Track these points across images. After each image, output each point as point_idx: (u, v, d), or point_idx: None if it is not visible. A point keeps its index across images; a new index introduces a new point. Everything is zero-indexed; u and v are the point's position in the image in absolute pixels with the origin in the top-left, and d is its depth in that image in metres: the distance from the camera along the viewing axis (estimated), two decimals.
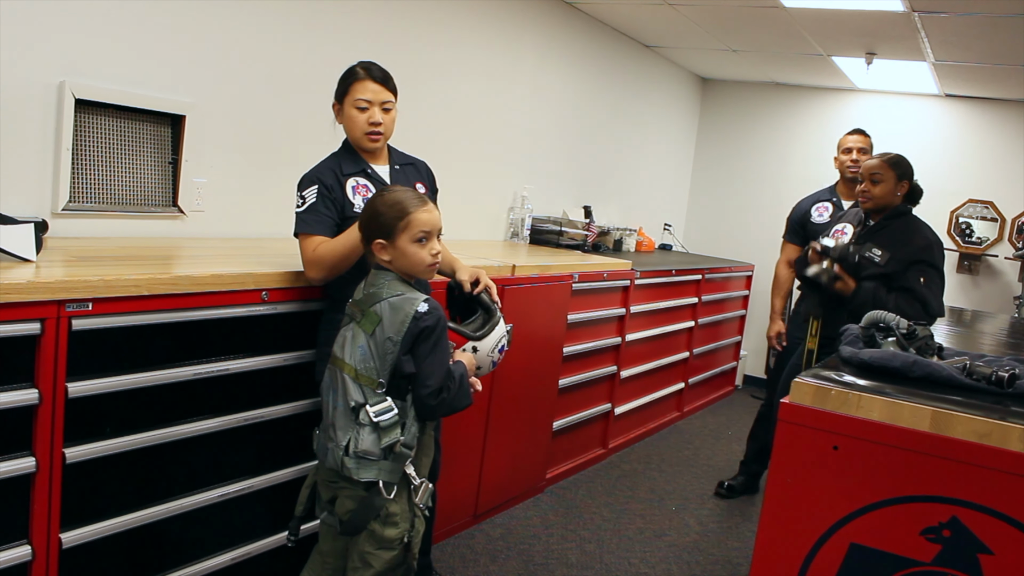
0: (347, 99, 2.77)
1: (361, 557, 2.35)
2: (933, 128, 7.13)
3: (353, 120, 2.76)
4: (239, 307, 2.58)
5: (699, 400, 6.60)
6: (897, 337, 2.43)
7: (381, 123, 2.76)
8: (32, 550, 2.18)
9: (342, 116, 2.81)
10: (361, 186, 2.78)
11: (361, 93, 2.74)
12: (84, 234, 2.92)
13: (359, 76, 2.76)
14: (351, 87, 2.76)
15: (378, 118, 2.75)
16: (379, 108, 2.76)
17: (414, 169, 2.97)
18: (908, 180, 3.63)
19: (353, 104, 2.75)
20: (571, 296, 4.33)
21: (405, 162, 2.96)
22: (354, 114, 2.75)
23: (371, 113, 2.75)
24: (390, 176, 2.87)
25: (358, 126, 2.76)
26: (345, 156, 2.83)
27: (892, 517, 1.97)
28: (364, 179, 2.80)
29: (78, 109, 2.84)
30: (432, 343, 2.31)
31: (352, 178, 2.78)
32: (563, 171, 5.89)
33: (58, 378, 2.15)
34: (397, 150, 2.97)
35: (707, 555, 3.95)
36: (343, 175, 2.77)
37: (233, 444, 2.69)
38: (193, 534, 2.63)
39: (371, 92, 2.75)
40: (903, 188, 3.62)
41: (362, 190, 2.77)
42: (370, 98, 2.74)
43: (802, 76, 7.18)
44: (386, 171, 2.88)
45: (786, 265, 4.69)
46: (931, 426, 1.95)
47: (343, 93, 2.78)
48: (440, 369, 2.32)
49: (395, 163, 2.91)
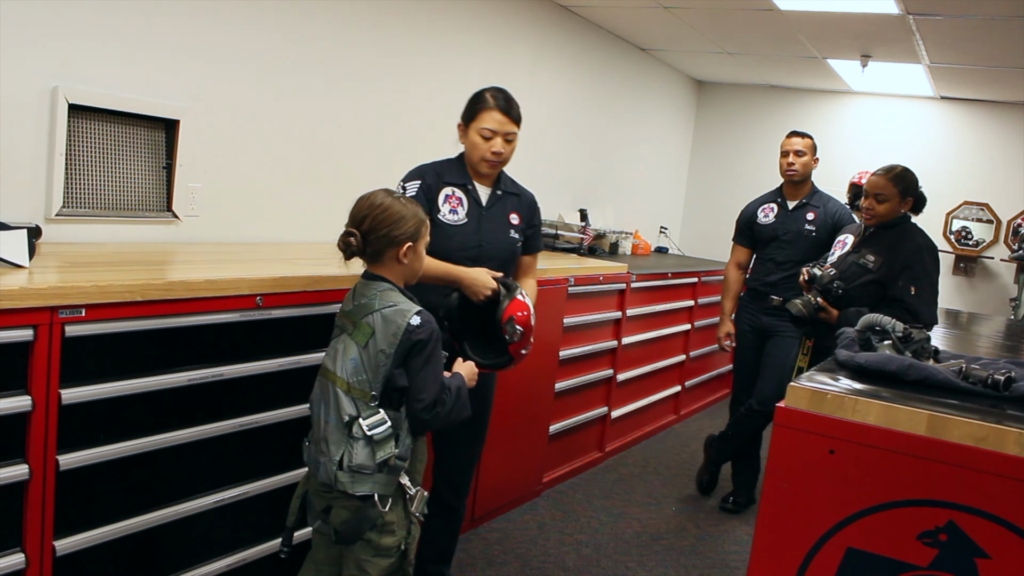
0: (473, 124, 2.86)
1: (358, 565, 2.34)
2: (928, 130, 7.14)
3: (476, 146, 2.86)
4: (233, 312, 2.57)
5: (696, 403, 6.60)
6: (893, 340, 2.42)
7: (502, 153, 2.87)
8: (26, 558, 2.17)
9: (465, 138, 2.90)
10: (455, 197, 2.90)
11: (487, 123, 2.83)
12: (78, 240, 2.91)
13: (488, 104, 2.84)
14: (479, 114, 2.85)
15: (499, 148, 2.85)
16: (502, 138, 2.85)
17: (517, 199, 3.05)
18: (912, 195, 3.60)
19: (478, 131, 2.84)
20: (567, 300, 4.32)
21: (510, 191, 3.04)
22: (477, 140, 2.85)
23: (494, 143, 2.84)
24: (488, 199, 2.96)
25: (479, 152, 2.86)
26: (455, 166, 2.96)
27: (889, 521, 1.97)
28: (461, 192, 2.92)
29: (71, 114, 2.83)
30: (425, 357, 2.28)
31: (450, 187, 2.89)
32: (559, 174, 5.89)
33: (51, 385, 2.14)
34: (509, 177, 3.06)
35: (704, 559, 3.94)
36: (443, 182, 2.89)
37: (228, 450, 2.68)
38: (188, 540, 2.61)
39: (496, 123, 2.83)
40: (908, 204, 3.60)
41: (454, 201, 2.89)
42: (495, 128, 2.83)
43: (797, 79, 7.19)
44: (487, 193, 2.97)
45: (735, 267, 4.71)
46: (927, 430, 1.94)
47: (470, 117, 2.88)
48: (434, 383, 2.30)
49: (499, 188, 3.00)
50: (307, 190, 3.77)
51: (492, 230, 2.95)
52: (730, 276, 4.73)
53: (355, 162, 3.99)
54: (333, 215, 3.39)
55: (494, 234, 2.95)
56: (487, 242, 2.93)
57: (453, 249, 2.84)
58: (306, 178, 3.77)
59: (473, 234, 2.91)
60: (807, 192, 4.47)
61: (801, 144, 4.42)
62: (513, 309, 2.63)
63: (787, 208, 4.47)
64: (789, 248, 4.39)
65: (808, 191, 4.47)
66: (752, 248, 4.64)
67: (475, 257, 2.86)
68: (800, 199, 4.46)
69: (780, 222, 4.45)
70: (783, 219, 4.45)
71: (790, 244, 4.39)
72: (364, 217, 2.31)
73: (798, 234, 4.38)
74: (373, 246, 2.32)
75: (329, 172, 3.87)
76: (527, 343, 2.70)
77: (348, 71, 3.90)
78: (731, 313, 4.71)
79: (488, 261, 2.87)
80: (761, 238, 4.52)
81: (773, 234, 4.45)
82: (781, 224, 4.45)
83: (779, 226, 4.45)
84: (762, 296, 4.43)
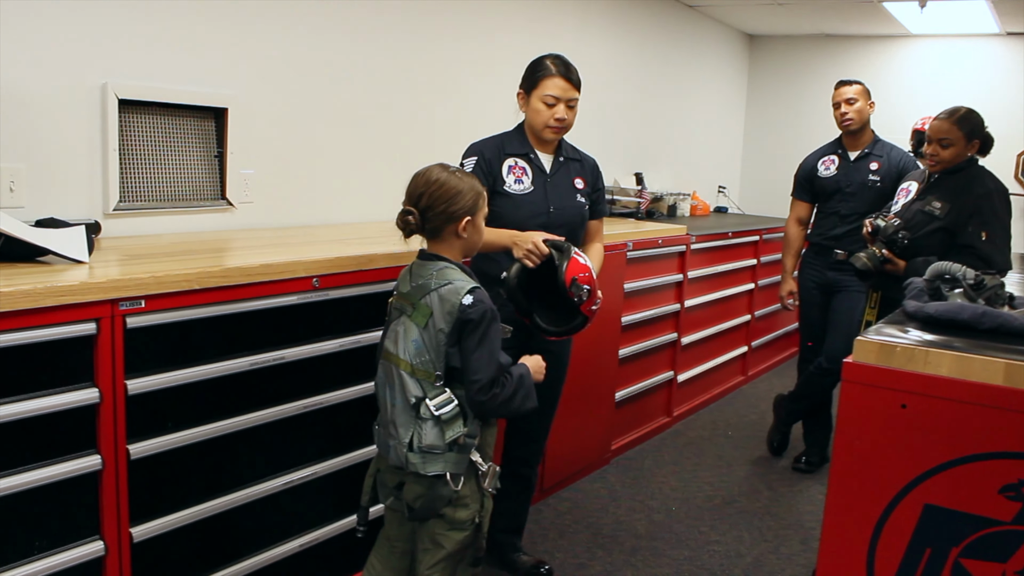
0: (535, 92, 2.87)
1: (432, 539, 2.34)
2: (995, 69, 6.88)
3: (539, 112, 2.87)
4: (291, 295, 2.59)
5: (764, 363, 6.50)
6: (964, 288, 2.33)
7: (565, 119, 2.88)
8: (105, 545, 2.22)
9: (527, 106, 2.91)
10: (519, 167, 2.92)
11: (550, 89, 2.84)
12: (137, 233, 2.95)
13: (550, 72, 2.85)
14: (541, 81, 2.85)
15: (563, 114, 2.86)
16: (564, 104, 2.86)
17: (579, 165, 3.06)
18: (979, 137, 3.43)
19: (541, 98, 2.85)
20: (626, 265, 4.27)
21: (572, 156, 3.05)
22: (540, 107, 2.86)
23: (557, 109, 2.85)
24: (551, 166, 2.97)
25: (542, 119, 2.87)
26: (515, 137, 2.97)
27: (967, 476, 1.90)
28: (524, 162, 2.94)
29: (122, 109, 2.86)
30: (479, 336, 2.23)
31: (512, 158, 2.92)
32: (612, 139, 5.81)
33: (117, 376, 2.18)
34: (569, 144, 3.08)
35: (779, 520, 3.89)
36: (505, 153, 2.92)
37: (294, 432, 2.70)
38: (261, 523, 2.65)
39: (560, 89, 2.84)
40: (974, 147, 3.44)
41: (518, 171, 2.91)
42: (558, 95, 2.84)
43: (852, 25, 6.97)
44: (549, 160, 2.98)
45: (796, 223, 4.59)
46: (1005, 379, 1.87)
47: (532, 85, 2.88)
48: (490, 363, 2.24)
49: (561, 155, 3.01)
50: (358, 170, 3.78)
51: (559, 196, 2.95)
52: (791, 232, 4.62)
53: (406, 139, 3.98)
54: (386, 193, 3.39)
55: (562, 200, 2.95)
56: (556, 208, 2.92)
57: (523, 218, 2.84)
58: (357, 158, 3.77)
59: (541, 201, 2.91)
60: (868, 141, 4.33)
61: (852, 92, 4.28)
62: (574, 270, 2.60)
63: (848, 159, 4.35)
64: (853, 200, 4.27)
65: (869, 140, 4.34)
66: (813, 202, 4.52)
67: (544, 224, 2.85)
68: (862, 149, 4.32)
69: (843, 174, 4.33)
70: (845, 171, 4.33)
71: (854, 196, 4.27)
72: (421, 194, 2.29)
73: (862, 185, 4.26)
74: (432, 223, 2.30)
75: (380, 150, 3.86)
76: (595, 300, 2.66)
77: (392, 47, 3.87)
78: (793, 270, 4.61)
79: (557, 227, 2.85)
80: (823, 191, 4.40)
81: (836, 187, 4.33)
82: (844, 176, 4.32)
83: (842, 178, 4.32)
84: (826, 251, 4.32)
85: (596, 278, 2.67)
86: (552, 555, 3.44)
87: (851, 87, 4.29)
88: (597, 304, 2.68)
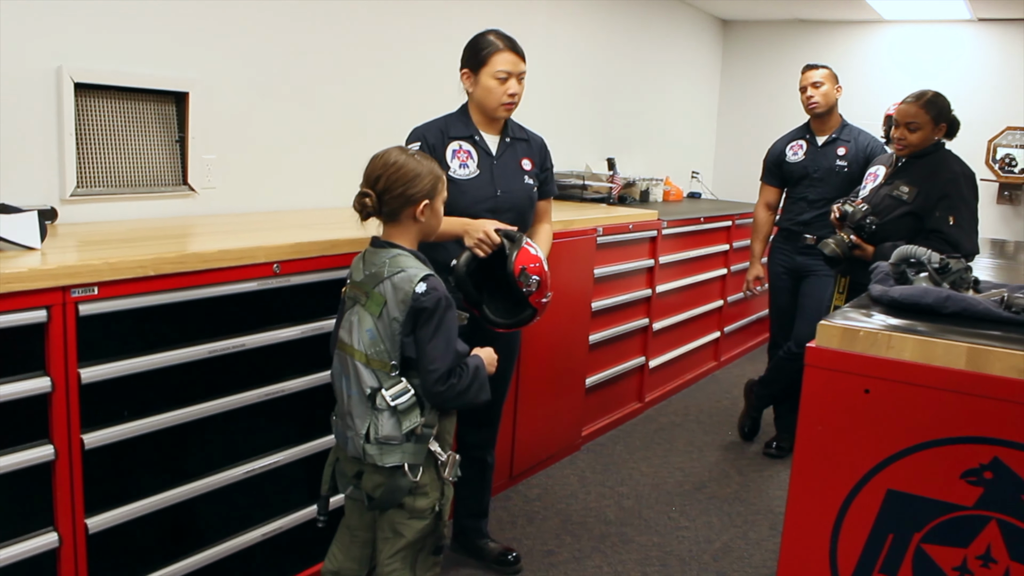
0: (484, 69, 2.79)
1: (392, 528, 2.32)
2: (966, 55, 6.90)
3: (490, 91, 2.80)
4: (250, 281, 2.54)
5: (736, 348, 6.51)
6: (929, 272, 2.32)
7: (517, 93, 2.82)
8: (59, 536, 2.18)
9: (475, 85, 2.83)
10: (463, 151, 2.84)
11: (501, 64, 2.78)
12: (95, 219, 2.89)
13: (498, 47, 2.79)
14: (490, 58, 2.78)
15: (515, 89, 2.81)
16: (516, 79, 2.81)
17: (526, 145, 2.99)
18: (946, 120, 3.43)
19: (492, 75, 2.78)
20: (596, 250, 4.24)
21: (519, 136, 2.98)
22: (492, 84, 2.79)
23: (510, 84, 2.80)
24: (498, 147, 2.90)
25: (495, 96, 2.80)
26: (458, 119, 2.89)
27: (930, 461, 1.89)
28: (469, 145, 2.86)
29: (78, 93, 2.80)
30: (434, 325, 2.19)
31: (456, 141, 2.84)
32: (583, 124, 5.78)
33: (69, 364, 2.13)
34: (516, 123, 3.00)
35: (749, 505, 3.89)
36: (449, 137, 2.83)
37: (255, 421, 2.66)
38: (221, 513, 2.61)
39: (510, 63, 2.79)
40: (941, 131, 3.44)
41: (462, 155, 2.83)
42: (510, 69, 2.79)
43: (826, 10, 6.96)
44: (495, 141, 2.91)
45: (764, 208, 4.60)
46: (967, 363, 1.86)
47: (479, 63, 2.80)
48: (447, 352, 2.21)
49: (507, 136, 2.93)
50: (324, 155, 3.72)
51: (506, 179, 2.88)
52: (759, 217, 4.62)
53: (368, 122, 3.92)
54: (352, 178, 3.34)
55: (509, 182, 2.88)
56: (503, 191, 2.86)
57: (469, 204, 2.78)
58: (322, 143, 3.71)
59: (488, 185, 2.84)
60: (836, 126, 4.33)
61: (818, 75, 4.27)
62: (523, 260, 2.56)
63: (816, 144, 4.34)
64: (821, 186, 4.27)
65: (837, 125, 4.33)
66: (781, 187, 4.52)
67: (493, 208, 2.80)
68: (829, 134, 4.32)
69: (810, 159, 4.33)
70: (813, 156, 4.32)
71: (822, 181, 4.27)
72: (379, 177, 2.25)
73: (829, 170, 4.25)
74: (389, 206, 2.26)
75: (343, 135, 3.81)
76: (546, 291, 2.63)
77: (357, 30, 3.82)
78: (761, 256, 4.62)
79: (506, 212, 2.81)
80: (791, 176, 4.40)
81: (803, 172, 4.33)
82: (811, 161, 4.32)
83: (809, 163, 4.32)
84: (795, 236, 4.32)
85: (546, 263, 2.64)
86: (520, 542, 3.42)
87: (817, 71, 4.27)
88: (547, 297, 2.65)
